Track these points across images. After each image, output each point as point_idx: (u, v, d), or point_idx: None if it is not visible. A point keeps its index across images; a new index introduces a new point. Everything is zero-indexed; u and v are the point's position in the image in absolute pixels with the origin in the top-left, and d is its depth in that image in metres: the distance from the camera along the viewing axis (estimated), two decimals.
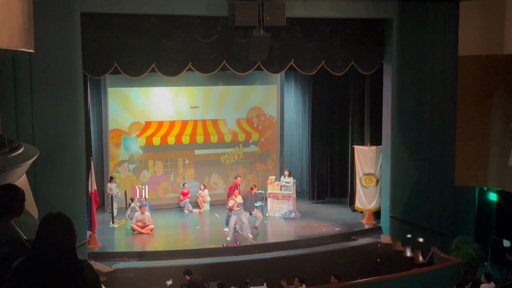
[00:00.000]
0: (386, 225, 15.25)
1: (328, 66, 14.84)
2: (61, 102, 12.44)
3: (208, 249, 13.98)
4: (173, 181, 17.63)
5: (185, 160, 17.74)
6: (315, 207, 17.16)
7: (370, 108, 16.14)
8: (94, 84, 16.17)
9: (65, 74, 12.44)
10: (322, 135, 18.40)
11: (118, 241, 14.76)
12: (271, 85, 18.32)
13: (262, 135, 18.43)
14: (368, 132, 16.28)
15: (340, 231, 15.31)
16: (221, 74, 15.81)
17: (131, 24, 13.35)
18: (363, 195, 15.94)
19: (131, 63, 13.56)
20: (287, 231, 15.56)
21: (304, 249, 14.20)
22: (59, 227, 3.22)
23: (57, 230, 3.20)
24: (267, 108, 18.41)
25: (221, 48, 13.99)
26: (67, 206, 11.65)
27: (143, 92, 17.05)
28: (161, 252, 13.83)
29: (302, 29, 14.46)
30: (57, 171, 12.37)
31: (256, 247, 14.14)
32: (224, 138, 17.99)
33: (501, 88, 14.62)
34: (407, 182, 15.04)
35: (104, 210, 16.44)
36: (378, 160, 15.67)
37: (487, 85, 14.70)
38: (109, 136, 16.91)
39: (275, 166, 18.60)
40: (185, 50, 13.76)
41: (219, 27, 13.82)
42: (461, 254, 13.89)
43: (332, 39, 14.74)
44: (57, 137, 12.37)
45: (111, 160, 17.05)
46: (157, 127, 17.31)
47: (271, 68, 14.70)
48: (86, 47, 12.84)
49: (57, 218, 3.25)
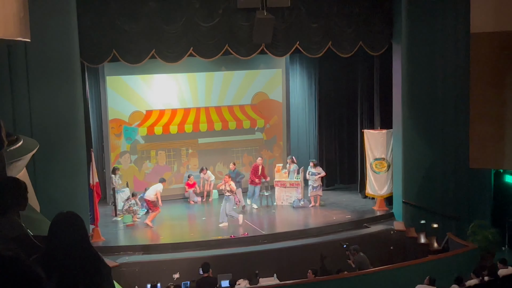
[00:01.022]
0: (398, 211, 15.01)
1: (335, 48, 14.52)
2: (59, 92, 12.18)
3: (215, 241, 13.72)
4: (176, 171, 17.24)
5: (188, 149, 17.34)
6: (324, 194, 16.73)
7: (380, 90, 15.73)
8: (92, 73, 15.82)
9: (62, 63, 12.20)
10: (330, 120, 18.05)
11: (122, 235, 14.41)
12: (276, 69, 17.90)
13: (267, 122, 18.02)
14: (378, 115, 15.90)
15: (351, 218, 15.03)
16: (224, 59, 15.49)
17: (129, 9, 13.14)
18: (374, 181, 15.58)
19: (130, 50, 13.36)
20: (296, 220, 15.25)
21: (315, 238, 13.91)
22: (71, 223, 3.29)
23: (70, 227, 3.27)
24: (272, 93, 17.98)
25: (223, 31, 13.70)
26: (68, 199, 11.59)
27: (143, 79, 16.64)
28: (167, 245, 13.60)
29: (307, 9, 14.15)
30: (57, 164, 12.12)
31: (265, 237, 13.93)
32: (228, 125, 17.58)
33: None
34: (419, 166, 14.69)
35: (107, 202, 16.05)
36: (389, 144, 15.37)
37: (502, 63, 14.16)
38: (109, 127, 16.52)
39: (281, 153, 18.19)
40: (185, 35, 13.49)
41: (220, 10, 13.55)
42: (478, 239, 13.50)
43: (339, 19, 14.39)
44: (56, 129, 12.12)
45: (112, 151, 16.67)
46: (158, 116, 16.91)
47: (275, 51, 14.39)
48: (83, 34, 12.64)
49: (69, 215, 3.33)
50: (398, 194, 14.97)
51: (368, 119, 16.42)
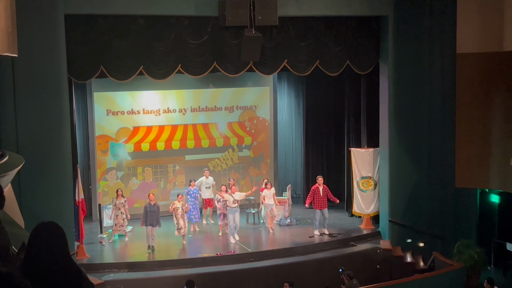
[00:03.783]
0: (385, 230, 14.99)
1: (323, 66, 14.53)
2: (46, 108, 12.14)
3: (202, 258, 13.62)
4: (163, 188, 17.14)
5: (176, 166, 17.27)
6: (311, 212, 16.65)
7: (367, 109, 15.78)
8: (79, 89, 15.75)
9: (49, 79, 12.15)
10: (317, 138, 18.07)
11: (107, 252, 14.28)
12: (264, 86, 17.92)
13: (255, 139, 18.01)
14: (365, 133, 15.92)
15: (338, 237, 14.97)
16: (212, 76, 15.50)
17: (117, 26, 13.06)
18: (361, 199, 15.59)
19: (118, 66, 13.25)
20: (283, 238, 15.17)
21: (301, 257, 13.87)
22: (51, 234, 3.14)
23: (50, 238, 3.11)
24: (260, 110, 17.99)
25: (212, 49, 13.66)
26: (53, 216, 11.30)
27: (131, 96, 16.60)
28: (153, 262, 13.49)
29: (295, 28, 14.16)
30: (43, 180, 12.05)
31: (251, 255, 13.86)
32: (216, 142, 17.55)
33: (501, 86, 14.23)
34: (406, 185, 14.74)
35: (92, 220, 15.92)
36: (375, 163, 15.39)
37: (487, 83, 14.31)
38: (95, 143, 16.43)
39: (269, 170, 18.16)
40: (174, 52, 13.43)
41: (209, 28, 13.51)
42: (464, 258, 13.53)
43: (326, 38, 14.41)
44: (42, 145, 12.07)
45: (98, 168, 16.56)
46: (145, 133, 16.84)
47: (263, 69, 14.39)
48: (71, 50, 12.54)
49: (48, 225, 3.17)
50: (385, 213, 14.94)
51: (355, 138, 16.42)
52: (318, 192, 15.03)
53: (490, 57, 14.11)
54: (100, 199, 16.40)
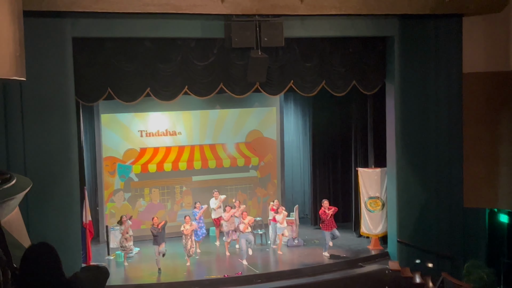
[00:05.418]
0: (393, 251, 14.85)
1: (329, 87, 14.52)
2: (54, 130, 12.16)
3: (209, 280, 13.53)
4: (170, 210, 17.12)
5: (183, 187, 17.25)
6: (318, 233, 16.59)
7: (373, 129, 15.76)
8: (86, 111, 15.79)
9: (57, 101, 12.20)
10: (324, 158, 18.00)
11: (115, 274, 14.16)
12: (270, 107, 17.94)
13: (261, 159, 17.98)
14: (372, 154, 15.88)
15: (346, 257, 14.88)
16: (218, 97, 15.48)
17: (124, 48, 13.10)
18: (368, 220, 15.50)
19: (125, 89, 13.27)
20: (291, 259, 15.08)
21: (309, 278, 13.71)
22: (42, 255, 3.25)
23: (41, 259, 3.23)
24: (266, 131, 17.99)
25: (218, 70, 13.69)
26: (61, 238, 11.47)
27: (138, 117, 16.66)
28: (160, 284, 13.41)
29: (301, 49, 14.17)
30: (50, 203, 12.04)
31: (258, 276, 13.77)
32: (223, 163, 17.54)
33: (508, 105, 14.22)
34: (414, 205, 14.63)
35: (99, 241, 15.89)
36: (383, 183, 15.30)
37: (494, 102, 14.31)
38: (103, 164, 16.46)
39: (276, 191, 18.11)
40: (180, 74, 13.46)
41: (215, 49, 13.54)
42: (473, 279, 13.40)
43: (332, 59, 14.42)
44: (49, 167, 12.07)
45: (105, 189, 16.57)
46: (152, 154, 16.86)
47: (269, 90, 14.38)
48: (78, 73, 12.57)
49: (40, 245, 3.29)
50: (393, 233, 14.82)
51: (362, 158, 16.37)
52: (326, 215, 14.96)
53: (497, 76, 14.12)
54: (107, 220, 16.39)
